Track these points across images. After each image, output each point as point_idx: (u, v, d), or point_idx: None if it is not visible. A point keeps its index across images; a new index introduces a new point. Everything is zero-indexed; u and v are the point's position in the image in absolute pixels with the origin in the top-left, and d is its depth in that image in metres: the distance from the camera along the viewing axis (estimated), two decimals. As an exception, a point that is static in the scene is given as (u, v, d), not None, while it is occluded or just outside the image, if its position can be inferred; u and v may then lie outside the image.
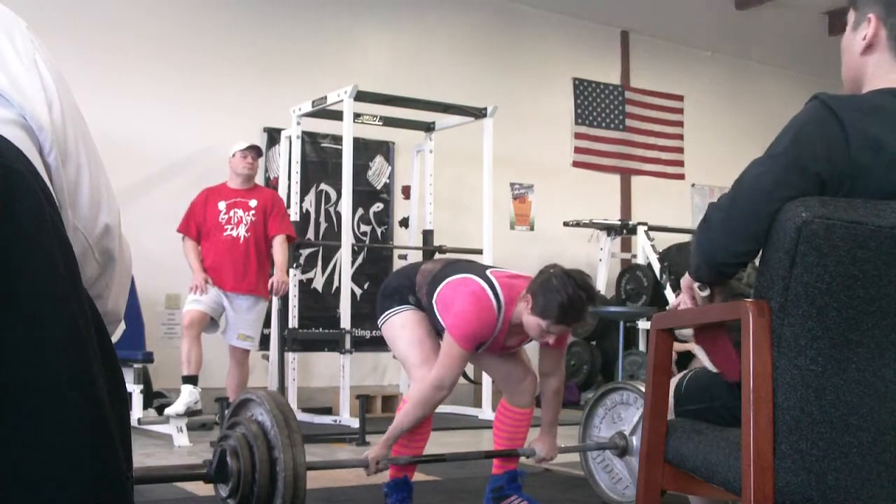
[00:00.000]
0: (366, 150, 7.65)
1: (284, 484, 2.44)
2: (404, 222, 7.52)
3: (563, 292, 2.91)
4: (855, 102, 1.62)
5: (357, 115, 6.56)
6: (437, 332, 3.25)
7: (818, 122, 1.60)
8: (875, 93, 1.64)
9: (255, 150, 5.65)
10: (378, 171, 7.84)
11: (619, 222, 8.31)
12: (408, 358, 3.24)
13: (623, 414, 3.56)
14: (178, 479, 3.08)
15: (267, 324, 5.99)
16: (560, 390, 3.34)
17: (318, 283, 7.42)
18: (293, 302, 6.58)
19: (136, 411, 5.21)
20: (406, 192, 7.53)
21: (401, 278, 3.37)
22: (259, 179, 6.32)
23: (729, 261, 1.68)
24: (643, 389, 3.22)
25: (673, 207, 9.34)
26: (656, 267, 7.64)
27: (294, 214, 6.62)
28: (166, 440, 5.18)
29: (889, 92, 1.63)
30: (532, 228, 8.59)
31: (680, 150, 9.71)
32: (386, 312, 3.29)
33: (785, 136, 1.63)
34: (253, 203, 5.56)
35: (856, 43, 1.72)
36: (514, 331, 3.17)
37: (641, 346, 7.53)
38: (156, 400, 5.96)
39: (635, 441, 3.42)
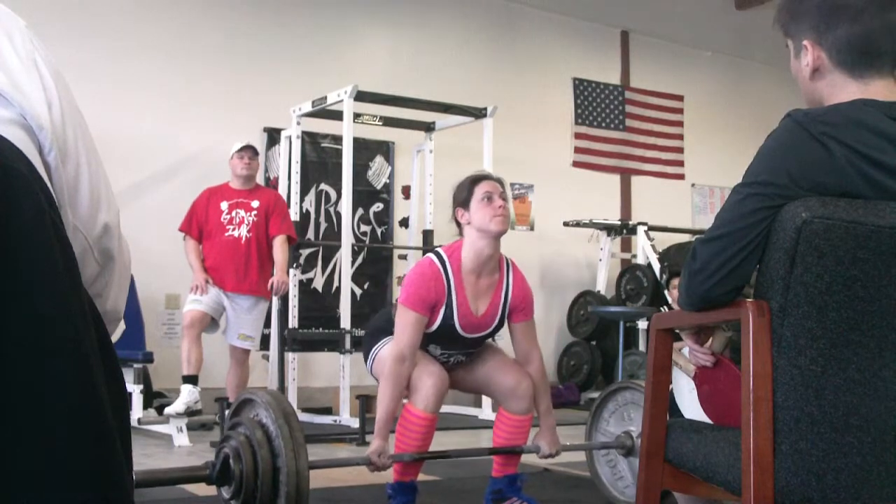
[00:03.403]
0: (366, 150, 7.65)
1: (287, 497, 2.43)
2: (404, 222, 7.52)
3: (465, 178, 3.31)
4: (831, 116, 1.60)
5: (357, 115, 6.56)
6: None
7: (795, 144, 1.58)
8: (847, 105, 1.60)
9: (250, 150, 5.65)
10: (378, 171, 7.84)
11: (619, 222, 8.32)
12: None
13: (633, 414, 3.53)
14: (181, 482, 3.07)
15: (267, 324, 5.99)
16: (543, 374, 3.35)
17: (318, 283, 7.42)
18: (293, 302, 6.58)
19: (136, 411, 5.21)
20: (406, 192, 7.53)
21: (381, 318, 3.49)
22: (259, 179, 6.31)
23: (719, 292, 1.66)
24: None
25: (673, 207, 9.34)
26: (656, 267, 7.65)
27: (294, 214, 6.62)
28: (166, 440, 5.18)
29: (861, 102, 1.61)
30: (532, 228, 8.59)
31: (680, 150, 9.71)
32: (372, 350, 3.39)
33: (761, 161, 1.62)
34: (255, 203, 5.57)
35: (802, 70, 1.71)
36: (482, 288, 3.22)
37: (641, 346, 7.53)
38: (156, 400, 5.96)
39: None
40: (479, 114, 6.95)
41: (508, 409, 3.35)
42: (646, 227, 7.96)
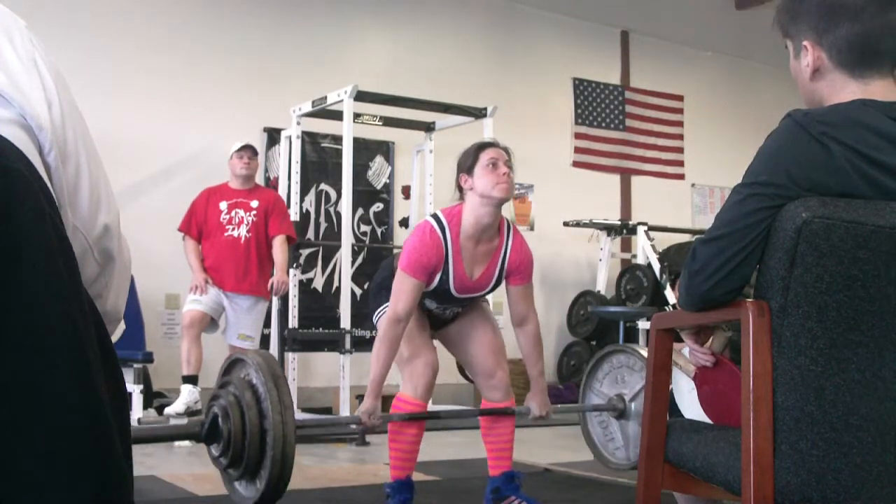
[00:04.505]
0: (366, 150, 7.65)
1: (272, 460, 2.43)
2: (404, 222, 7.52)
3: (471, 145, 3.33)
4: (830, 116, 1.59)
5: (357, 115, 6.56)
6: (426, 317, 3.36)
7: (795, 144, 1.58)
8: (847, 105, 1.61)
9: (250, 150, 5.65)
10: (378, 171, 7.84)
11: (619, 222, 8.31)
12: (400, 352, 3.27)
13: (627, 378, 3.53)
14: (172, 439, 3.08)
15: (267, 324, 5.99)
16: (538, 336, 3.36)
17: (318, 283, 7.42)
18: (293, 302, 6.58)
19: (136, 411, 5.20)
20: (406, 192, 7.53)
21: (383, 272, 3.49)
22: (259, 179, 6.31)
23: (719, 293, 1.66)
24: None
25: (673, 207, 9.34)
26: (656, 267, 7.64)
27: (294, 214, 6.62)
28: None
29: (860, 103, 1.61)
30: (532, 228, 8.59)
31: (680, 150, 9.71)
32: (379, 309, 3.38)
33: (761, 162, 1.62)
34: (254, 203, 5.57)
35: (803, 71, 1.71)
36: (480, 253, 3.24)
37: (641, 346, 7.53)
38: (156, 400, 5.95)
39: (634, 407, 3.42)
40: (479, 114, 6.94)
41: (486, 398, 3.42)
42: (646, 227, 7.96)
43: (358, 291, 7.27)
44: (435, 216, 3.25)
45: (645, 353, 3.48)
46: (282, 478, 2.43)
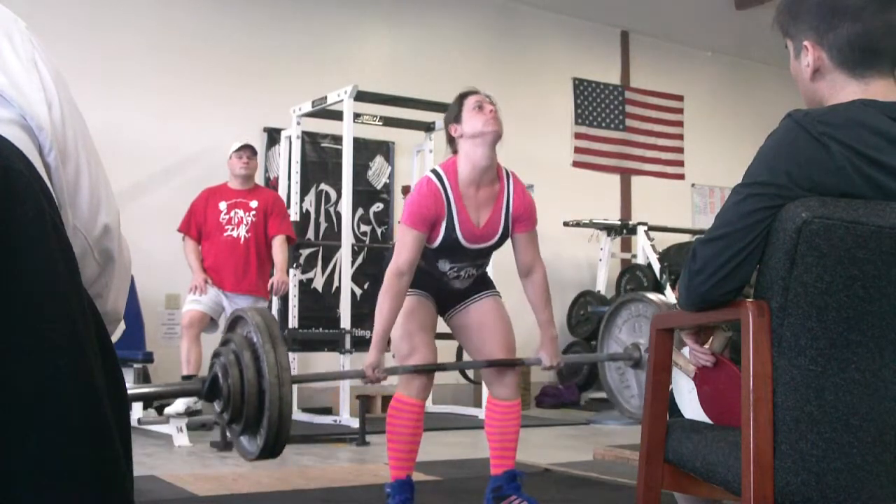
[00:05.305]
0: (366, 150, 7.65)
1: (269, 420, 2.47)
2: (404, 222, 7.53)
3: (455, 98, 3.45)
4: (830, 116, 1.60)
5: (357, 115, 6.56)
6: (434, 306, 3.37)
7: (795, 144, 1.58)
8: (847, 106, 1.61)
9: (249, 150, 5.66)
10: (378, 171, 7.84)
11: (619, 222, 8.31)
12: (399, 349, 3.29)
13: (644, 327, 3.51)
14: (175, 396, 3.07)
15: (267, 324, 5.98)
16: (545, 283, 3.37)
17: (318, 283, 7.42)
18: (293, 302, 6.59)
19: (136, 411, 5.20)
20: (406, 192, 7.53)
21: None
22: (259, 179, 6.32)
23: (719, 293, 1.66)
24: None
25: (673, 207, 9.34)
26: (656, 267, 7.65)
27: (294, 214, 6.63)
28: (166, 440, 5.18)
29: (860, 103, 1.61)
30: (532, 228, 8.58)
31: (680, 150, 9.71)
32: None
33: (761, 162, 1.62)
34: (254, 204, 5.58)
35: (803, 71, 1.71)
36: (482, 199, 3.26)
37: (641, 346, 7.52)
38: (156, 400, 5.95)
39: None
40: (479, 114, 6.94)
41: (493, 395, 3.38)
42: (646, 227, 7.96)
43: (358, 291, 7.27)
44: (433, 170, 3.31)
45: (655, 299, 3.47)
46: (278, 439, 2.47)
